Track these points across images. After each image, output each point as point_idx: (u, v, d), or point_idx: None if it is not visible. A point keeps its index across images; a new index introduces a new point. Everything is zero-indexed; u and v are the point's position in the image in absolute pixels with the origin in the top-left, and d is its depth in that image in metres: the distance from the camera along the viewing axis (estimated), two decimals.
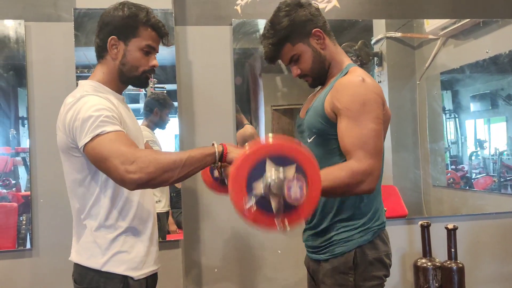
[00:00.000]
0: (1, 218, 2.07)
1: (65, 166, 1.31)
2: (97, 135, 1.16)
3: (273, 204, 1.02)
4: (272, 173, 1.00)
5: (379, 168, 1.27)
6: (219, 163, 1.23)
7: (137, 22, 1.31)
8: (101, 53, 1.35)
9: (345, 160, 1.28)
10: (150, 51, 1.35)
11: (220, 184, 1.51)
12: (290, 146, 1.06)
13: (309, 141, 1.40)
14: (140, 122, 2.24)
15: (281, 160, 1.03)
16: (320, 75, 1.42)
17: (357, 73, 1.33)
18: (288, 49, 1.38)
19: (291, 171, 1.02)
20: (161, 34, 1.37)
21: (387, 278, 1.38)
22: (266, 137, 1.13)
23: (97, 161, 1.18)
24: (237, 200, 1.05)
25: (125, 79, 1.36)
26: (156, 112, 2.25)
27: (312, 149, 1.39)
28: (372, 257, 1.33)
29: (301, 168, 1.04)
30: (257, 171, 1.02)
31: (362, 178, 1.23)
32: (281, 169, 1.01)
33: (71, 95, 1.29)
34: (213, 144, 1.23)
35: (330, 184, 1.19)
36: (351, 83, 1.30)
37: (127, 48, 1.32)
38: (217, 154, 1.21)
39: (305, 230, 1.49)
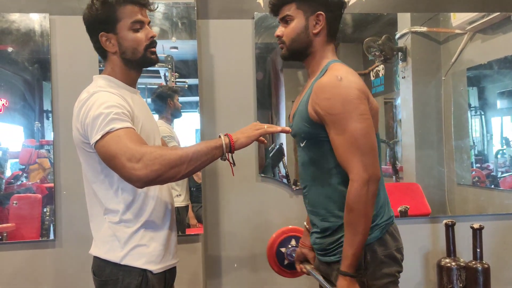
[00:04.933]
0: (25, 209, 2.11)
1: (82, 161, 1.32)
2: (107, 133, 1.16)
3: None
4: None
5: (375, 164, 1.25)
6: (228, 153, 1.23)
7: (111, 6, 1.29)
8: (103, 53, 1.35)
9: (339, 163, 1.28)
10: (140, 26, 1.32)
11: (288, 270, 1.80)
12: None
13: (301, 145, 1.39)
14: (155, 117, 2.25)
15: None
16: (295, 52, 1.39)
17: (334, 72, 1.29)
18: (289, 7, 1.37)
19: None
20: (139, 2, 1.33)
21: (400, 274, 1.35)
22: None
23: (106, 159, 1.18)
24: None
25: (133, 65, 1.35)
26: (169, 103, 2.24)
27: (306, 154, 1.38)
28: (383, 254, 1.30)
29: None
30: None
31: (366, 188, 1.22)
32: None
33: (85, 90, 1.30)
34: (219, 136, 1.22)
35: (357, 243, 1.25)
36: (328, 85, 1.27)
37: (119, 36, 1.31)
38: (224, 146, 1.21)
39: (312, 233, 1.46)
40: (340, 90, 1.24)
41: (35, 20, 2.13)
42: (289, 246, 1.76)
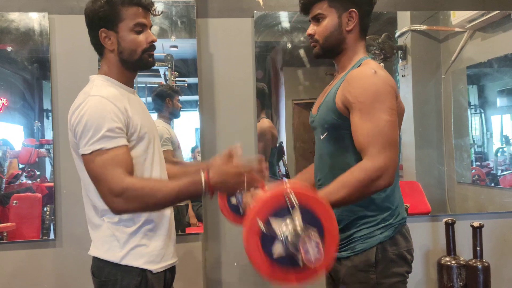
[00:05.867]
0: (26, 208, 2.11)
1: (77, 163, 1.32)
2: (97, 150, 1.18)
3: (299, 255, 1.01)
4: (283, 230, 1.00)
5: (395, 160, 1.23)
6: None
7: (116, 5, 1.28)
8: (100, 49, 1.34)
9: (359, 158, 1.25)
10: (142, 29, 1.31)
11: (235, 213, 1.50)
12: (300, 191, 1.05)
13: (322, 137, 1.38)
14: (154, 117, 2.24)
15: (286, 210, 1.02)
16: (328, 49, 1.38)
17: (369, 65, 1.30)
18: (321, 5, 1.36)
19: (299, 221, 1.01)
20: (144, 6, 1.32)
21: (409, 274, 1.35)
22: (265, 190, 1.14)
23: (90, 176, 1.22)
24: (258, 266, 1.04)
25: (129, 65, 1.34)
26: (168, 103, 2.24)
27: (325, 146, 1.37)
28: (393, 253, 1.30)
29: (315, 218, 1.03)
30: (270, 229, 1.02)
31: (377, 175, 1.19)
32: (288, 221, 1.00)
33: (82, 91, 1.29)
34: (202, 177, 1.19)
35: (344, 193, 1.18)
36: (362, 75, 1.27)
37: (119, 35, 1.30)
38: (203, 185, 1.18)
39: None
40: (374, 81, 1.24)
41: (34, 19, 2.13)
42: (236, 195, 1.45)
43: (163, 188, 1.19)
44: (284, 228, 0.99)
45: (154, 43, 1.34)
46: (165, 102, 2.24)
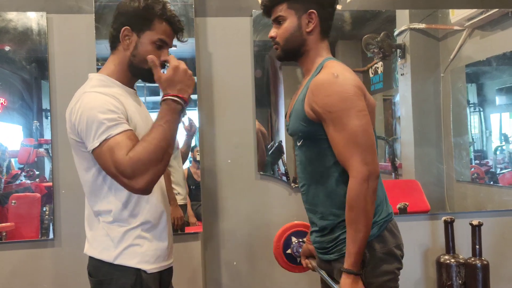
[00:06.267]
0: (25, 208, 2.11)
1: (76, 160, 1.31)
2: (105, 140, 1.17)
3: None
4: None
5: (375, 161, 1.24)
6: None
7: (152, 14, 1.29)
8: (114, 43, 1.34)
9: (337, 161, 1.28)
10: (162, 45, 1.32)
11: (290, 262, 1.78)
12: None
13: (298, 144, 1.38)
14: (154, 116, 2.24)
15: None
16: (290, 51, 1.39)
17: (329, 70, 1.28)
18: (281, 8, 1.36)
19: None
20: (176, 29, 1.34)
21: (400, 271, 1.34)
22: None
23: (104, 168, 1.20)
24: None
25: (135, 72, 1.34)
26: None
27: (303, 152, 1.38)
28: (382, 251, 1.30)
29: None
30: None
31: (366, 186, 1.22)
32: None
33: (79, 91, 1.29)
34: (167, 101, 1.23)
35: (360, 238, 1.24)
36: (324, 82, 1.26)
37: (140, 40, 1.30)
38: (179, 99, 1.22)
39: (311, 232, 1.47)
40: (337, 87, 1.24)
41: (33, 19, 2.12)
42: (293, 243, 1.77)
43: (154, 136, 1.18)
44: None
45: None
46: None
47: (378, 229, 1.31)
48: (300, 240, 1.75)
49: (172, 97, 1.23)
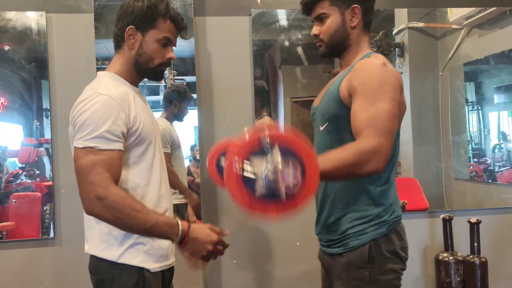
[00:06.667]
0: (25, 207, 2.11)
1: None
2: (90, 147, 1.18)
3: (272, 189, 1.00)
4: (263, 165, 0.99)
5: (388, 148, 1.21)
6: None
7: (156, 13, 1.30)
8: (119, 42, 1.34)
9: None
10: (167, 43, 1.34)
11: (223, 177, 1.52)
12: (275, 133, 1.04)
13: (321, 128, 1.37)
14: (159, 114, 2.25)
15: (268, 150, 1.01)
16: (334, 48, 1.39)
17: (377, 59, 1.30)
18: (323, 5, 1.36)
19: (277, 156, 0.99)
20: (180, 27, 1.36)
21: (403, 272, 1.35)
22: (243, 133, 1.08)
23: (76, 170, 1.20)
24: (239, 200, 1.04)
25: (140, 70, 1.35)
26: (175, 104, 2.25)
27: (324, 137, 1.37)
28: (387, 250, 1.30)
29: (294, 153, 1.01)
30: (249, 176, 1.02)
31: (368, 157, 1.17)
32: (269, 157, 0.99)
33: (89, 88, 1.29)
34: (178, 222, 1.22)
35: (332, 166, 1.15)
36: (372, 64, 1.27)
37: (144, 39, 1.31)
38: (180, 233, 1.21)
39: (317, 222, 1.46)
40: (381, 71, 1.25)
41: (32, 18, 2.12)
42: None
43: (142, 213, 1.19)
44: (263, 164, 0.99)
45: (170, 61, 1.37)
46: (172, 104, 2.25)
47: (387, 229, 1.31)
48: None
49: (181, 241, 1.22)
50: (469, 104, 2.59)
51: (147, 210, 1.21)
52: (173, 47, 1.38)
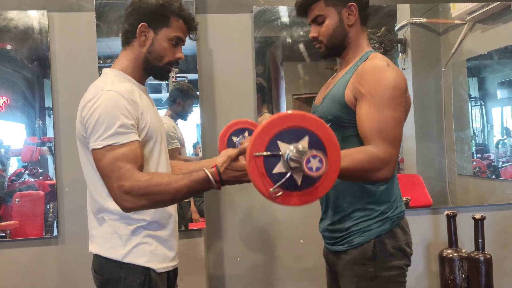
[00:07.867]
0: (28, 206, 2.11)
1: (82, 156, 1.31)
2: (109, 145, 1.17)
3: (296, 177, 0.99)
4: (286, 149, 0.98)
5: (397, 156, 1.25)
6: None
7: (170, 12, 1.31)
8: (129, 39, 1.34)
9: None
10: (178, 42, 1.34)
11: None
12: (305, 116, 1.01)
13: None
14: (163, 112, 2.25)
15: (294, 134, 0.99)
16: (334, 48, 1.39)
17: (379, 60, 1.30)
18: (318, 7, 1.36)
19: (304, 143, 0.99)
20: (191, 27, 1.36)
21: (408, 268, 1.35)
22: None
23: (100, 172, 1.20)
24: (261, 188, 1.02)
25: (148, 68, 1.35)
26: (179, 103, 2.25)
27: None
28: (392, 246, 1.31)
29: (320, 142, 1.00)
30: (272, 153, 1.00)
31: (381, 166, 1.20)
32: (294, 144, 0.99)
33: (94, 85, 1.28)
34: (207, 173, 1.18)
35: (348, 165, 1.16)
36: (377, 68, 1.27)
37: (156, 37, 1.31)
38: (212, 179, 1.16)
39: (321, 220, 1.46)
40: (388, 75, 1.25)
41: (34, 17, 2.12)
42: (241, 136, 1.69)
43: (171, 185, 1.17)
44: (288, 148, 0.98)
45: (179, 61, 1.38)
46: (175, 102, 2.25)
47: (391, 225, 1.32)
48: (242, 136, 1.67)
49: (218, 180, 1.17)
50: (472, 99, 2.58)
51: (175, 178, 1.18)
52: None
